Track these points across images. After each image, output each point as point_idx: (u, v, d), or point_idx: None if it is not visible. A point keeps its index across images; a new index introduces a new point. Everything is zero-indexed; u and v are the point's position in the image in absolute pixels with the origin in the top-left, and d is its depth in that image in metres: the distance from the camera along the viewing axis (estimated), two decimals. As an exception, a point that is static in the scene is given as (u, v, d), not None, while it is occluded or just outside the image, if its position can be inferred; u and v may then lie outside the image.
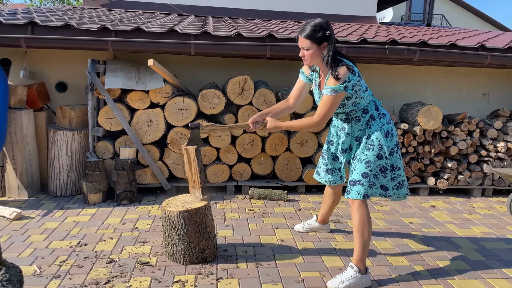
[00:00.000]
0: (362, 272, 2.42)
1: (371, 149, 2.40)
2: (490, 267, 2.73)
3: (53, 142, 3.91)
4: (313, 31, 2.30)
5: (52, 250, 2.78)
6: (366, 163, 2.41)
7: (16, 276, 1.73)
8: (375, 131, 2.41)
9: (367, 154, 2.41)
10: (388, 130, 2.44)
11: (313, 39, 2.31)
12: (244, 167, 4.19)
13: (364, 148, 2.43)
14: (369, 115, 2.45)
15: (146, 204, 3.80)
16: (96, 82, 3.83)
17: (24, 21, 3.76)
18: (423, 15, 17.75)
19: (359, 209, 2.42)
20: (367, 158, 2.41)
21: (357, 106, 2.42)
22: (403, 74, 4.92)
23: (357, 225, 2.42)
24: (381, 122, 2.44)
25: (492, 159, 4.28)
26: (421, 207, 3.95)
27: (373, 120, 2.44)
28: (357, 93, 2.35)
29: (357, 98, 2.38)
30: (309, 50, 2.35)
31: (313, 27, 2.31)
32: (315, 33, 2.30)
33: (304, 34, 2.33)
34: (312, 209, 3.77)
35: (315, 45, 2.32)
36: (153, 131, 3.94)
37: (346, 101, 2.39)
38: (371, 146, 2.40)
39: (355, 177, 2.44)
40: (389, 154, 2.43)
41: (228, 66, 4.62)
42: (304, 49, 2.37)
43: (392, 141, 2.45)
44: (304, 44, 2.35)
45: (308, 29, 2.31)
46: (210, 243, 2.67)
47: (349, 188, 2.46)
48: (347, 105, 2.41)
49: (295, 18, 6.46)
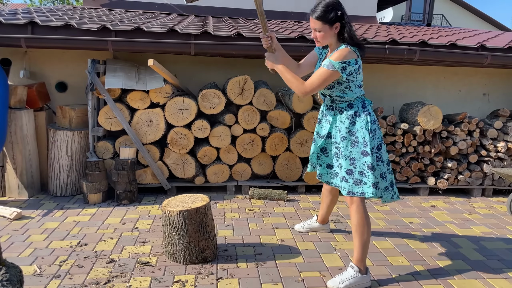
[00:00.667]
0: (363, 272, 2.42)
1: (355, 146, 2.39)
2: (490, 267, 2.73)
3: (53, 142, 3.92)
4: (325, 11, 2.25)
5: (52, 250, 2.78)
6: (351, 159, 2.41)
7: (16, 276, 1.73)
8: (360, 128, 2.39)
9: (351, 151, 2.40)
10: (374, 128, 2.41)
11: (325, 20, 2.26)
12: (244, 167, 4.19)
13: (348, 144, 2.41)
14: (353, 110, 2.41)
15: (146, 204, 3.80)
16: (96, 82, 3.83)
17: (24, 21, 3.76)
18: (423, 15, 17.75)
19: (357, 209, 2.42)
20: (351, 155, 2.40)
21: (343, 95, 2.39)
22: (403, 74, 4.92)
23: (356, 225, 2.42)
24: (366, 119, 2.40)
25: (492, 159, 4.28)
26: (421, 207, 3.95)
27: (358, 116, 2.41)
28: (349, 83, 2.33)
29: (347, 88, 2.35)
30: (321, 32, 2.31)
31: (324, 7, 2.25)
32: (326, 14, 2.25)
33: (315, 15, 2.28)
34: (312, 209, 3.77)
35: (327, 26, 2.28)
36: (153, 131, 3.94)
37: (336, 85, 2.36)
38: (356, 143, 2.39)
39: (342, 174, 2.47)
40: (377, 148, 2.41)
41: (228, 66, 4.62)
42: (316, 31, 2.32)
43: (377, 139, 2.42)
44: (316, 25, 2.30)
45: (319, 10, 2.26)
46: (210, 243, 2.68)
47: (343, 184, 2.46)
48: (335, 89, 2.38)
49: (295, 18, 6.46)
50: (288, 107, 4.17)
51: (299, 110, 4.11)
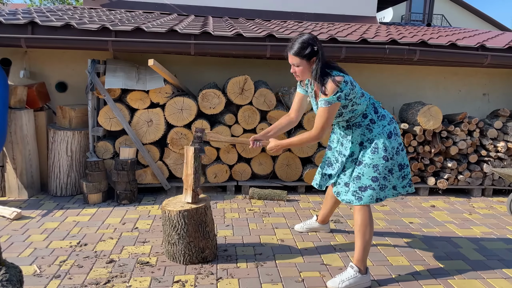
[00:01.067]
0: (362, 272, 2.42)
1: (376, 153, 2.39)
2: (490, 267, 2.73)
3: (53, 142, 3.92)
4: (301, 48, 2.33)
5: (52, 250, 2.78)
6: (374, 167, 2.39)
7: (16, 276, 1.73)
8: (377, 134, 2.41)
9: (373, 158, 2.39)
10: (391, 130, 2.43)
11: (301, 56, 2.34)
12: (244, 167, 4.19)
13: (369, 152, 2.41)
14: (368, 119, 2.43)
15: (146, 204, 3.80)
16: (96, 82, 3.83)
17: (24, 21, 3.76)
18: (423, 15, 17.75)
19: (361, 209, 2.42)
20: (373, 162, 2.39)
21: (354, 112, 2.41)
22: (403, 74, 4.92)
23: (359, 225, 2.42)
24: (382, 124, 2.43)
25: (492, 159, 4.28)
26: (421, 207, 3.95)
27: (373, 123, 2.43)
28: (352, 101, 2.35)
29: (354, 105, 2.37)
30: (299, 67, 2.38)
31: (300, 44, 2.34)
32: (303, 50, 2.32)
33: (292, 52, 2.36)
34: (312, 209, 3.77)
35: (305, 61, 2.35)
36: (153, 131, 3.94)
37: (343, 110, 2.38)
38: (376, 149, 2.39)
39: (364, 182, 2.40)
40: (396, 153, 2.43)
41: (228, 66, 4.62)
42: (295, 66, 2.40)
43: (396, 141, 2.45)
44: (294, 61, 2.38)
45: (296, 47, 2.34)
46: (210, 243, 2.67)
47: (360, 194, 2.41)
48: (344, 114, 2.41)
49: (295, 18, 6.46)
50: (288, 107, 4.17)
51: (299, 110, 4.10)
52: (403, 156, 2.50)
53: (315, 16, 6.52)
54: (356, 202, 2.42)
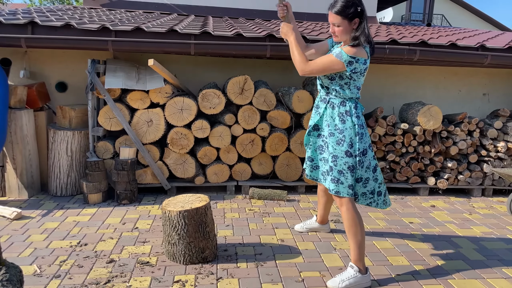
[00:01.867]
0: (362, 272, 2.42)
1: (340, 144, 2.38)
2: (490, 267, 2.73)
3: (53, 142, 3.92)
4: (345, 6, 2.22)
5: (52, 250, 2.78)
6: (333, 157, 2.41)
7: (16, 276, 1.73)
8: (348, 127, 2.38)
9: (335, 149, 2.40)
10: (361, 132, 2.39)
11: (344, 15, 2.23)
12: (244, 167, 4.19)
13: (334, 142, 2.41)
14: (345, 109, 2.39)
15: (146, 204, 3.80)
16: (96, 82, 3.83)
17: (24, 21, 3.76)
18: (423, 15, 17.75)
19: (347, 210, 2.41)
20: (334, 152, 2.40)
21: (341, 90, 2.37)
22: (403, 74, 4.92)
23: (348, 226, 2.42)
24: (355, 121, 2.39)
25: (492, 159, 4.28)
26: (421, 207, 3.95)
27: (348, 116, 2.39)
28: (350, 80, 2.32)
29: (347, 84, 2.34)
30: (340, 27, 2.27)
31: (344, 2, 2.22)
32: (346, 9, 2.21)
33: (335, 10, 2.24)
34: (312, 209, 3.77)
35: (346, 21, 2.24)
36: (153, 131, 3.94)
37: (337, 78, 2.34)
38: (342, 141, 2.38)
39: (325, 168, 2.54)
40: (362, 153, 2.40)
41: (228, 66, 4.62)
42: (335, 25, 2.29)
43: (363, 144, 2.40)
44: (335, 20, 2.26)
45: (339, 4, 2.23)
46: (210, 243, 2.67)
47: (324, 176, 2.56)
48: (335, 82, 2.36)
49: (295, 18, 6.45)
50: (288, 107, 4.17)
51: (299, 110, 4.11)
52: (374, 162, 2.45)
53: (315, 16, 6.52)
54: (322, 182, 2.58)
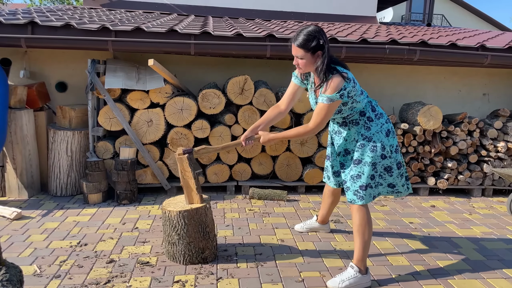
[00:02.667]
0: (363, 272, 2.42)
1: (374, 151, 2.38)
2: (490, 267, 2.73)
3: (53, 142, 3.92)
4: (306, 40, 2.24)
5: (52, 250, 2.78)
6: (372, 165, 2.39)
7: (16, 276, 1.73)
8: (375, 132, 2.40)
9: (372, 157, 2.38)
10: (389, 129, 2.44)
11: (306, 48, 2.26)
12: (244, 167, 4.18)
13: (368, 151, 2.40)
14: (366, 117, 2.42)
15: (146, 204, 3.80)
16: (96, 82, 3.83)
17: (24, 21, 3.76)
18: (423, 15, 17.75)
19: (359, 209, 2.41)
20: (372, 160, 2.38)
21: (353, 110, 2.39)
22: (403, 74, 4.92)
23: (358, 225, 2.42)
24: (380, 122, 2.42)
25: (492, 159, 4.28)
26: (421, 207, 3.95)
27: (371, 121, 2.41)
28: (353, 98, 2.32)
29: (353, 103, 2.35)
30: (303, 59, 2.31)
31: (306, 36, 2.25)
32: (308, 43, 2.24)
33: (297, 43, 2.27)
34: (312, 209, 3.77)
35: (309, 54, 2.27)
36: (153, 131, 3.94)
37: (343, 107, 2.36)
38: (374, 148, 2.38)
39: (365, 181, 2.39)
40: (395, 151, 2.44)
41: (228, 66, 4.62)
42: (298, 58, 2.32)
43: (394, 139, 2.45)
44: (298, 53, 2.30)
45: (301, 38, 2.25)
46: (210, 243, 2.67)
47: (362, 193, 2.40)
48: (343, 111, 2.39)
49: (295, 18, 6.46)
50: (288, 107, 4.16)
51: (299, 110, 4.11)
52: (400, 155, 2.51)
53: (315, 16, 6.52)
54: (359, 202, 2.41)
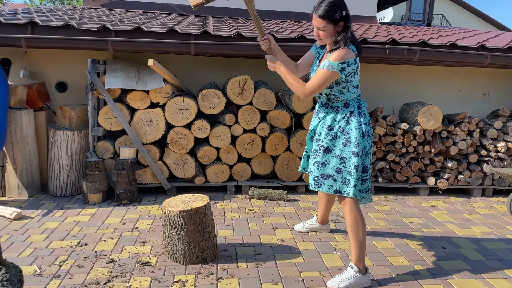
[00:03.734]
0: (362, 272, 2.42)
1: (347, 146, 2.37)
2: (490, 267, 2.73)
3: (53, 142, 3.92)
4: (329, 11, 2.20)
5: (52, 250, 2.78)
6: (341, 159, 2.38)
7: (16, 276, 1.73)
8: (353, 128, 2.37)
9: (343, 150, 2.38)
10: (366, 131, 2.41)
11: (329, 19, 2.21)
12: (244, 167, 4.18)
13: (341, 143, 2.39)
14: (348, 110, 2.40)
15: (146, 204, 3.80)
16: (96, 82, 3.83)
17: (24, 21, 3.76)
18: (423, 15, 17.75)
19: (351, 210, 2.41)
20: (342, 154, 2.38)
21: (341, 95, 2.38)
22: (403, 74, 4.92)
23: (351, 225, 2.42)
24: (361, 120, 2.40)
25: (492, 159, 4.28)
26: (421, 207, 3.95)
27: (353, 116, 2.39)
28: (347, 83, 2.32)
29: (345, 88, 2.34)
30: (324, 31, 2.26)
31: (328, 6, 2.20)
32: (331, 13, 2.19)
33: (319, 13, 2.22)
34: (312, 209, 3.77)
35: (331, 25, 2.23)
36: (153, 131, 3.94)
37: (334, 85, 2.34)
38: (348, 142, 2.37)
39: (328, 171, 2.42)
40: (365, 154, 2.42)
41: (228, 66, 4.62)
42: (320, 29, 2.28)
43: (368, 142, 2.43)
44: (320, 24, 2.25)
45: (323, 8, 2.21)
46: (210, 243, 2.67)
47: (320, 181, 2.43)
48: (333, 89, 2.36)
49: (295, 18, 6.46)
50: (288, 107, 4.17)
51: (299, 110, 4.11)
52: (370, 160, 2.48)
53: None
54: (314, 187, 2.45)
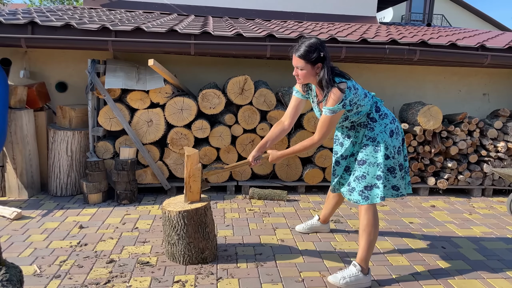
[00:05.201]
0: (365, 271, 2.42)
1: (378, 151, 2.39)
2: (490, 267, 2.73)
3: (53, 142, 3.91)
4: (308, 52, 2.27)
5: (52, 250, 2.78)
6: (378, 165, 2.40)
7: (16, 276, 1.73)
8: (379, 132, 2.40)
9: (376, 157, 2.40)
10: (392, 129, 2.43)
11: (307, 60, 2.28)
12: (244, 167, 4.18)
13: (372, 151, 2.41)
14: (370, 117, 2.44)
15: (146, 204, 3.80)
16: (96, 82, 3.83)
17: (24, 21, 3.76)
18: (423, 15, 17.75)
19: (368, 209, 2.42)
20: (377, 161, 2.40)
21: (360, 114, 2.41)
22: (403, 74, 4.92)
23: (365, 225, 2.42)
24: (384, 122, 2.43)
25: (492, 159, 4.28)
26: (421, 207, 3.95)
27: (375, 122, 2.42)
28: (357, 104, 2.34)
29: (358, 107, 2.37)
30: (303, 70, 2.33)
31: (307, 47, 2.27)
32: (309, 54, 2.27)
33: (298, 54, 2.30)
34: (312, 209, 3.77)
35: (310, 65, 2.30)
36: (153, 131, 3.94)
37: (348, 113, 2.38)
38: (378, 148, 2.39)
39: (370, 181, 2.41)
40: (397, 153, 2.44)
41: (228, 66, 4.62)
42: (298, 69, 2.35)
43: (398, 140, 2.45)
44: (298, 63, 2.32)
45: (303, 49, 2.28)
46: (210, 243, 2.67)
47: (367, 193, 2.41)
48: (350, 116, 2.41)
49: (295, 18, 6.46)
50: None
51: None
52: (402, 156, 2.51)
53: (315, 16, 6.52)
54: (363, 202, 2.42)
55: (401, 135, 2.50)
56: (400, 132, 2.50)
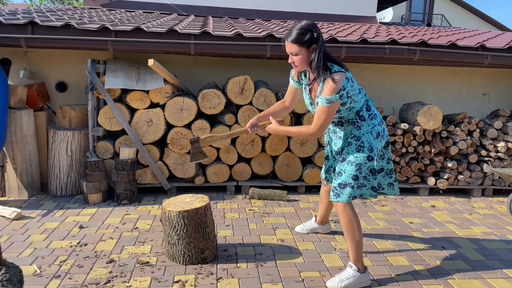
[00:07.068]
0: (361, 271, 2.42)
1: (361, 151, 2.35)
2: (490, 267, 2.73)
3: (53, 142, 3.92)
4: (300, 34, 2.19)
5: (52, 250, 2.78)
6: (357, 165, 2.36)
7: (16, 276, 1.73)
8: (365, 132, 2.36)
9: (357, 156, 2.35)
10: (379, 131, 2.40)
11: (301, 43, 2.20)
12: (244, 167, 4.18)
13: (354, 150, 2.37)
14: (359, 116, 2.39)
15: (146, 204, 3.80)
16: (96, 82, 3.83)
17: (24, 21, 3.76)
18: (423, 15, 17.76)
19: (344, 211, 2.40)
20: (357, 160, 2.35)
21: (351, 110, 2.37)
22: (403, 74, 4.92)
23: (346, 226, 2.41)
24: (372, 123, 2.39)
25: (492, 159, 4.28)
26: (421, 207, 3.95)
27: (363, 121, 2.38)
28: (351, 98, 2.29)
29: (351, 102, 2.31)
30: (298, 55, 2.25)
31: (299, 30, 2.20)
32: (302, 36, 2.19)
33: (290, 39, 2.22)
34: (312, 209, 3.77)
35: (304, 48, 2.22)
36: (153, 131, 3.94)
37: (341, 107, 2.32)
38: (361, 148, 2.36)
39: (344, 179, 2.37)
40: (379, 156, 2.43)
41: (228, 66, 4.62)
42: (293, 55, 2.27)
43: (381, 143, 2.43)
44: (292, 49, 2.24)
45: (295, 33, 2.20)
46: (210, 244, 2.67)
47: (339, 191, 2.39)
48: (342, 111, 2.35)
49: (295, 18, 6.46)
50: (288, 107, 4.16)
51: (299, 110, 4.11)
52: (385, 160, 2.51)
53: (315, 16, 6.52)
54: (334, 198, 2.42)
55: (385, 138, 2.47)
56: (386, 136, 2.46)
